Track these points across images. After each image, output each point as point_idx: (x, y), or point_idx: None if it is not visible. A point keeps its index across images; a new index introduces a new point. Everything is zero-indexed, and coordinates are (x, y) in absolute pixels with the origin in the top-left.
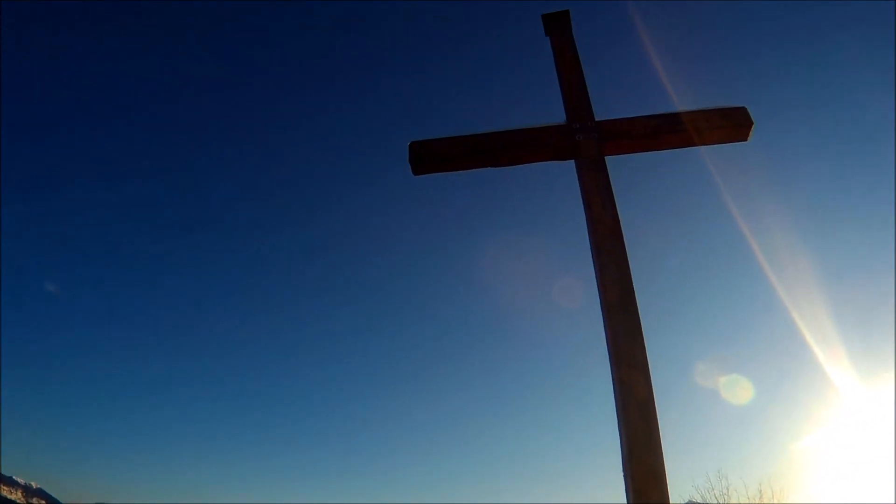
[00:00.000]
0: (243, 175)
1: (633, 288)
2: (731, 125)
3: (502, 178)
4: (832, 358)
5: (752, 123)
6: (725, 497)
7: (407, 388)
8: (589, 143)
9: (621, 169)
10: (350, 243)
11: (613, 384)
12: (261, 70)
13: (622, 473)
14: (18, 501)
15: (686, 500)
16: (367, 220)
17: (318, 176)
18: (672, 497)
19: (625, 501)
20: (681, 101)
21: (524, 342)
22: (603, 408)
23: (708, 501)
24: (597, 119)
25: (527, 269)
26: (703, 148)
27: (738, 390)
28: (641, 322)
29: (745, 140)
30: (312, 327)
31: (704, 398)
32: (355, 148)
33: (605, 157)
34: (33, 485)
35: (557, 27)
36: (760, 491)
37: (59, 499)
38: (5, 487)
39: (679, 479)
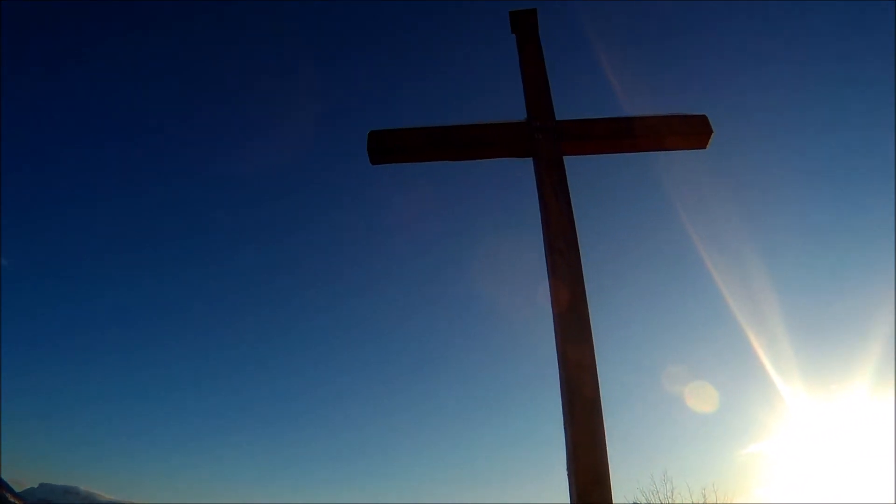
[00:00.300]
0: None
1: (584, 290)
2: (690, 132)
3: (463, 173)
4: (781, 369)
5: (711, 132)
6: (669, 499)
7: (348, 388)
8: (548, 142)
9: (582, 171)
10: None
11: (560, 384)
12: (222, 63)
13: (566, 473)
14: None
15: (631, 502)
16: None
17: (275, 165)
18: (616, 498)
19: (568, 501)
20: (643, 105)
21: (475, 342)
22: (550, 409)
23: (651, 503)
24: (557, 119)
25: (481, 268)
26: (663, 155)
27: (702, 398)
28: (591, 324)
29: (704, 147)
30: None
31: (657, 403)
32: (318, 136)
33: (564, 158)
34: None
35: (523, 25)
36: (704, 495)
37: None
38: None
39: (624, 481)
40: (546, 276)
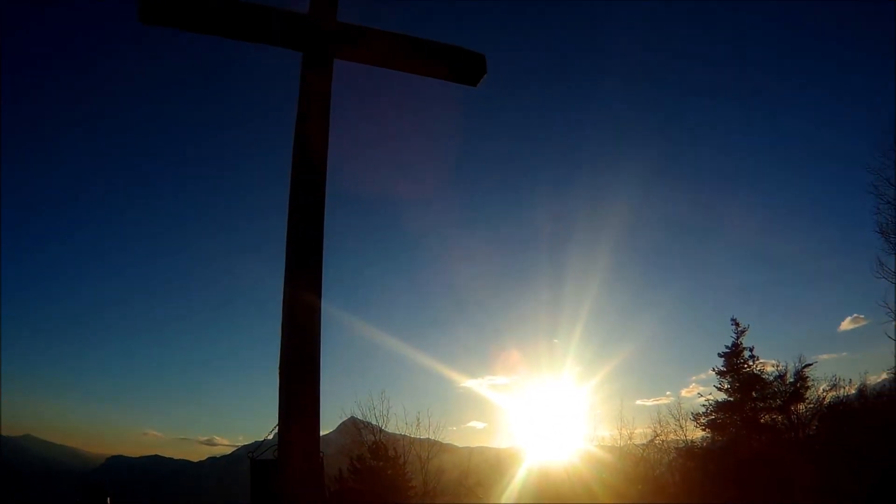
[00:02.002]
0: None
1: (322, 223)
2: (464, 67)
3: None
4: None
5: (484, 72)
6: (384, 418)
7: None
8: (321, 38)
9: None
10: None
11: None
12: None
13: (277, 370)
14: None
15: (349, 416)
16: None
17: None
18: (335, 412)
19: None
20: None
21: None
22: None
23: (367, 419)
24: (339, 19)
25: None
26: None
27: None
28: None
29: (474, 85)
30: None
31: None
32: None
33: (335, 62)
34: None
35: None
36: (418, 419)
37: None
38: None
39: (344, 397)
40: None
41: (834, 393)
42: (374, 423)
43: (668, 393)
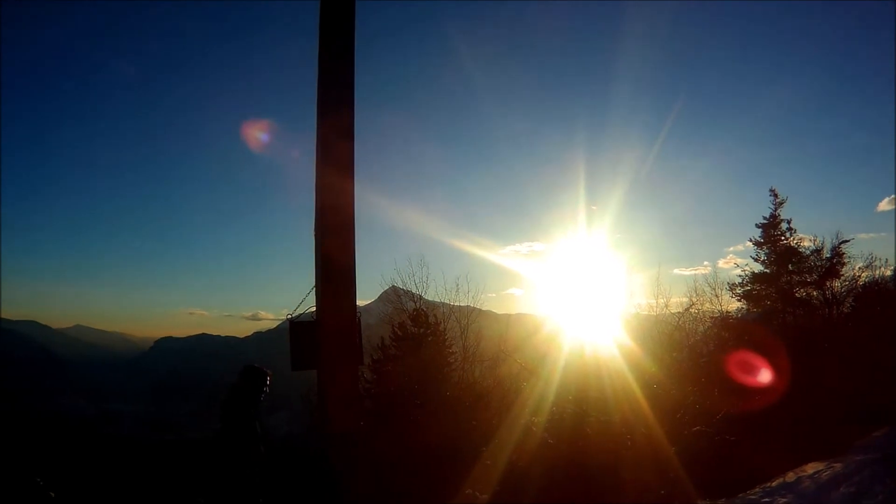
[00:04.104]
0: None
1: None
2: None
3: None
4: None
5: None
6: (424, 285)
7: None
8: None
9: None
10: None
11: (317, 148)
12: None
13: (313, 234)
14: None
15: (389, 285)
16: None
17: None
18: (377, 281)
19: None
20: None
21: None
22: None
23: (407, 287)
24: None
25: None
26: None
27: None
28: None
29: None
30: None
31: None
32: None
33: None
34: None
35: None
36: (457, 285)
37: None
38: None
39: (385, 266)
40: None
41: (869, 272)
42: (413, 290)
43: (705, 263)
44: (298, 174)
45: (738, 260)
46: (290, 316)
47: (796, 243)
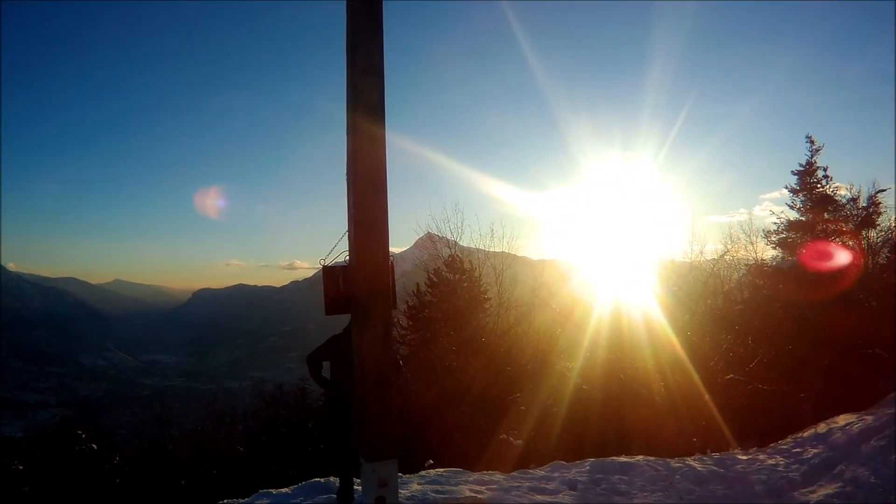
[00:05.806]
0: None
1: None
2: None
3: None
4: None
5: None
6: (459, 231)
7: None
8: None
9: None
10: None
11: (347, 91)
12: None
13: (345, 180)
14: None
15: (424, 232)
16: None
17: None
18: (411, 228)
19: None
20: None
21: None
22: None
23: (442, 233)
24: None
25: None
26: None
27: None
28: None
29: None
30: None
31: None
32: None
33: None
34: None
35: None
36: (492, 230)
37: None
38: None
39: (421, 213)
40: None
41: None
42: (449, 236)
43: (741, 210)
44: (335, 117)
45: (774, 207)
46: (323, 262)
47: (832, 191)
